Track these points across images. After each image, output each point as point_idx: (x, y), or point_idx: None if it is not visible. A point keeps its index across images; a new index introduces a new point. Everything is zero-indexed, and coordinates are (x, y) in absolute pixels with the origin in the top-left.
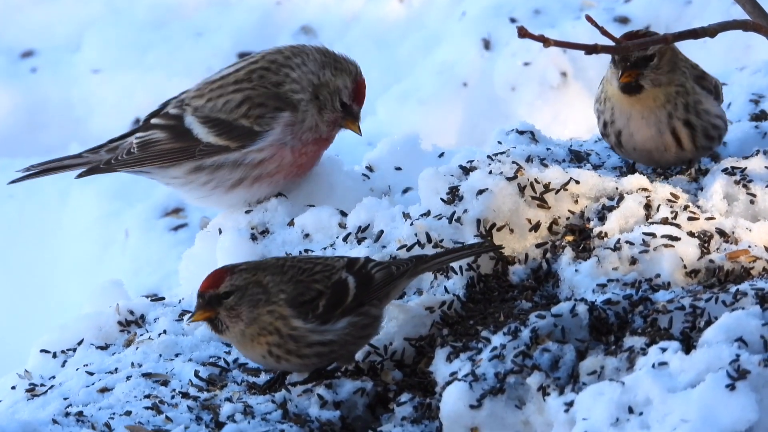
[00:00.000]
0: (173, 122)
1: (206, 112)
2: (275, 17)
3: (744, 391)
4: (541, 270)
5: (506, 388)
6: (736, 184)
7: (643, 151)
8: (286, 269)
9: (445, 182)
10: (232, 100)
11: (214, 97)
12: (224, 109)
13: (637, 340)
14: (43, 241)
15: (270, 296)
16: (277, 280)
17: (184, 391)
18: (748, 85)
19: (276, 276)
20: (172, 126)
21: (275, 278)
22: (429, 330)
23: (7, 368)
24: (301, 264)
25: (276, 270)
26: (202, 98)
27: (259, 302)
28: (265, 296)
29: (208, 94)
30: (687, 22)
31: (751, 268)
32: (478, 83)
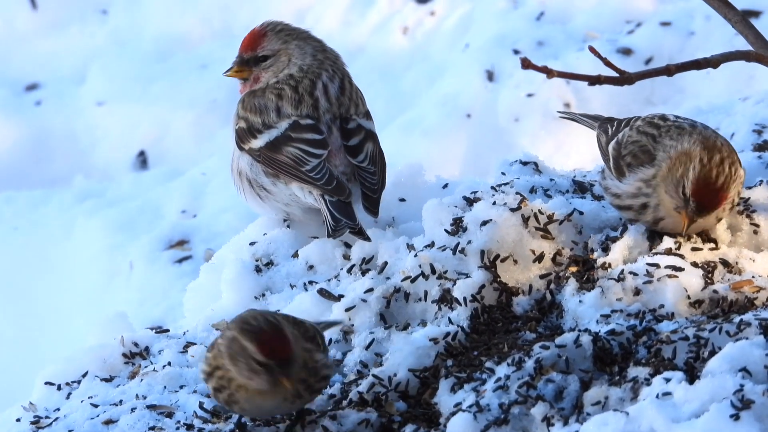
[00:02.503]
0: (362, 129)
1: (363, 111)
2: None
3: (748, 421)
4: (545, 301)
5: (510, 419)
6: (739, 214)
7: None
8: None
9: (449, 213)
10: (358, 91)
11: (356, 102)
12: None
13: (641, 370)
14: (47, 273)
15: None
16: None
17: (189, 422)
18: (752, 115)
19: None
20: (367, 132)
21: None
22: (433, 361)
23: (11, 400)
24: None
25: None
26: (352, 105)
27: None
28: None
29: (350, 102)
30: (690, 53)
31: (755, 299)
32: (482, 114)
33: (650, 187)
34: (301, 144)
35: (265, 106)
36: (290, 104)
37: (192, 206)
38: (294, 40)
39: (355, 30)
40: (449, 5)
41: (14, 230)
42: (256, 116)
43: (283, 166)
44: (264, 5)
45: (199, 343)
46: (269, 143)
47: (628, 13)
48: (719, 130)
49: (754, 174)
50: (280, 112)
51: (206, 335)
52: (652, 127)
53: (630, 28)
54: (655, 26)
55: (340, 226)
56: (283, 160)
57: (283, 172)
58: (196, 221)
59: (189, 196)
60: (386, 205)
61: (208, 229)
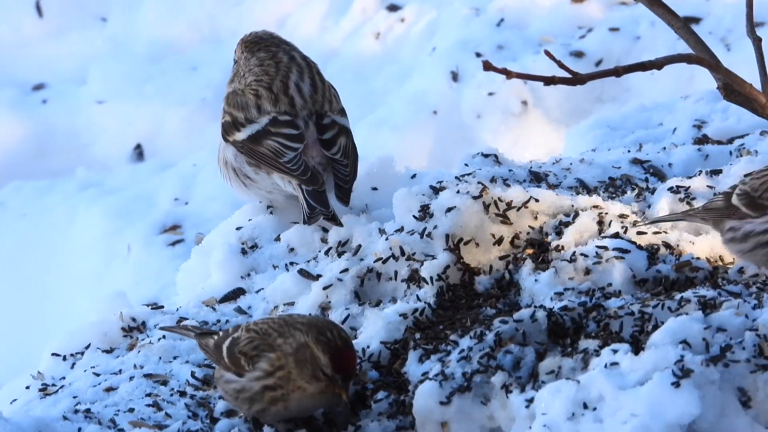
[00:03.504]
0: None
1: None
2: None
3: (688, 389)
4: (504, 280)
5: (473, 387)
6: (680, 201)
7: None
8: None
9: (417, 201)
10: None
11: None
12: (336, 98)
13: (591, 342)
14: (52, 256)
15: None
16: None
17: (182, 390)
18: (692, 112)
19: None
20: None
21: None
22: (403, 334)
23: (21, 370)
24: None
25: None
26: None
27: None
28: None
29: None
30: (636, 55)
31: (694, 278)
32: (447, 111)
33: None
34: (279, 138)
35: (246, 104)
36: (269, 102)
37: (184, 194)
38: (246, 52)
39: (331, 35)
40: (417, 13)
41: (22, 217)
42: (239, 112)
43: (264, 158)
44: (248, 13)
45: (190, 318)
46: (251, 136)
47: (579, 19)
48: (663, 125)
49: (694, 165)
50: (260, 109)
51: (197, 311)
52: None
53: (582, 33)
54: (604, 31)
55: (314, 213)
56: (263, 152)
57: (264, 162)
58: (187, 208)
59: (181, 186)
60: (360, 193)
61: (198, 215)
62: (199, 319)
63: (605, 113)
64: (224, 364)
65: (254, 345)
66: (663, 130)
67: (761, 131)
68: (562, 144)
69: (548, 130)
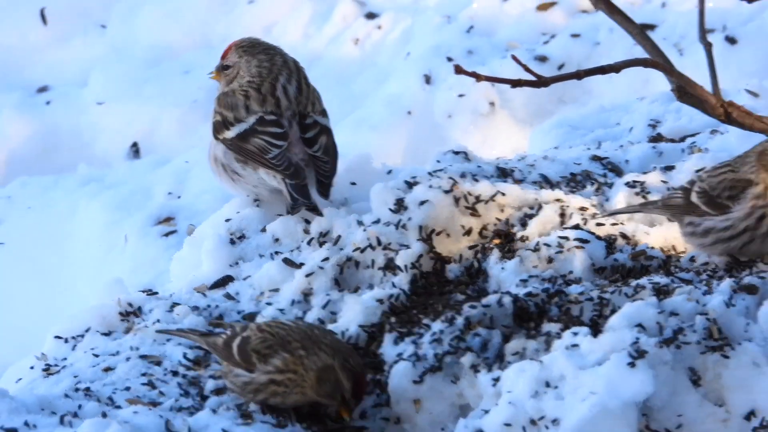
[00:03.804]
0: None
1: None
2: None
3: (642, 368)
4: (473, 268)
5: (444, 367)
6: (636, 195)
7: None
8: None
9: (393, 195)
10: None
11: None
12: (319, 100)
13: (553, 326)
14: (56, 245)
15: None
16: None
17: (175, 370)
18: (647, 112)
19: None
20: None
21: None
22: (379, 318)
23: (26, 351)
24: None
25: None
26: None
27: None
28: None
29: (308, 102)
30: (596, 60)
31: (648, 266)
32: (421, 112)
33: (759, 198)
34: (265, 136)
35: (235, 104)
36: (257, 103)
37: (177, 189)
38: (246, 55)
39: (314, 41)
40: (393, 20)
41: (28, 209)
42: (229, 112)
43: (251, 154)
44: (237, 21)
45: (183, 303)
46: (239, 134)
47: (543, 26)
48: (620, 125)
49: (649, 161)
50: (248, 109)
51: (189, 297)
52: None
53: (545, 39)
54: (566, 38)
55: (297, 204)
56: (250, 149)
57: (251, 159)
58: (180, 201)
59: (174, 181)
60: (340, 188)
61: (190, 208)
62: (191, 304)
63: (567, 113)
64: (234, 361)
65: (268, 344)
66: (620, 129)
67: (711, 130)
68: (526, 142)
69: (514, 129)
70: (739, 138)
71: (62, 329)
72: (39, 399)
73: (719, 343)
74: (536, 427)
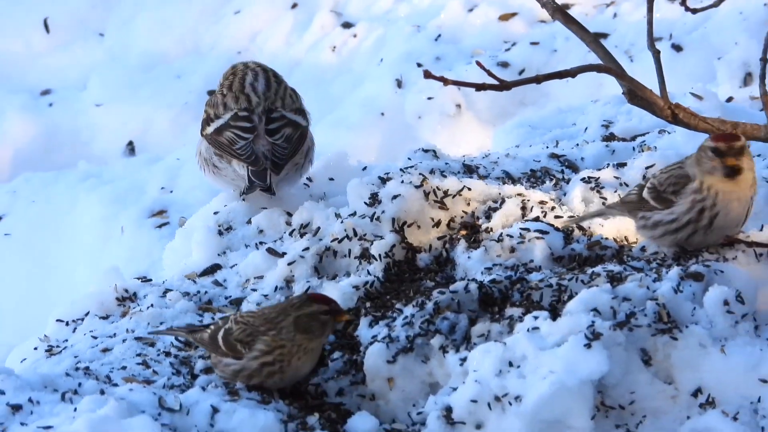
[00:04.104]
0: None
1: (289, 106)
2: None
3: (598, 349)
4: (442, 257)
5: (415, 348)
6: (591, 190)
7: (724, 228)
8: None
9: (368, 189)
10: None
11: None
12: (293, 100)
13: (516, 310)
14: (57, 236)
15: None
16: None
17: (167, 350)
18: (601, 114)
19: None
20: (288, 121)
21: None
22: (355, 303)
23: (30, 334)
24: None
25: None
26: (278, 100)
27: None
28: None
29: (277, 98)
30: (553, 65)
31: (603, 255)
32: (393, 113)
33: (697, 192)
34: (235, 129)
35: (217, 103)
36: (233, 101)
37: (169, 184)
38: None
39: (295, 48)
40: (368, 29)
41: (32, 203)
42: (212, 109)
43: (223, 146)
44: (224, 30)
45: (175, 289)
46: (216, 129)
47: (505, 35)
48: (576, 125)
49: (603, 159)
50: (225, 106)
51: (180, 283)
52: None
53: (507, 46)
54: (526, 45)
55: (252, 187)
56: (222, 142)
57: (224, 150)
58: (172, 196)
59: (167, 177)
60: (318, 183)
61: (181, 201)
62: (182, 290)
63: (527, 115)
64: (222, 351)
65: (248, 333)
66: (576, 129)
67: (659, 130)
68: (490, 141)
69: (478, 129)
70: (684, 137)
71: (63, 313)
72: (42, 377)
73: (668, 326)
74: (500, 404)
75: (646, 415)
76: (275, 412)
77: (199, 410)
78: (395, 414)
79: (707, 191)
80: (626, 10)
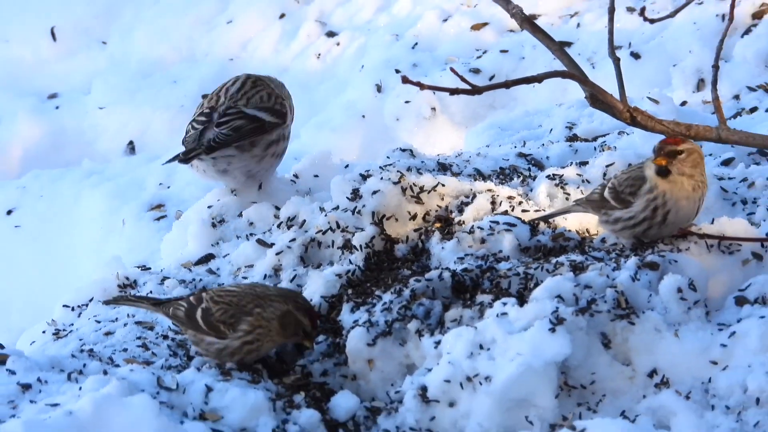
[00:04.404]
0: (241, 113)
1: (255, 104)
2: (229, 69)
3: (561, 333)
4: (418, 248)
5: (393, 332)
6: (555, 186)
7: (677, 223)
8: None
9: (350, 185)
10: (263, 95)
11: (250, 97)
12: (263, 100)
13: (486, 297)
14: (64, 229)
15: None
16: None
17: (165, 334)
18: (565, 116)
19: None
20: (243, 115)
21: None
22: (338, 290)
23: (38, 318)
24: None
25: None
26: (242, 100)
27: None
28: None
29: (242, 98)
30: (521, 72)
31: (566, 246)
32: (373, 116)
33: (649, 192)
34: (194, 123)
35: (201, 104)
36: (206, 100)
37: (167, 180)
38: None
39: (282, 56)
40: (350, 38)
41: (40, 198)
42: (197, 109)
43: (185, 137)
44: (218, 38)
45: (172, 277)
46: (189, 125)
47: (477, 43)
48: (542, 127)
49: (566, 157)
50: (202, 105)
51: (177, 272)
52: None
53: (479, 54)
54: (496, 53)
55: (174, 158)
56: (186, 133)
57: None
58: (169, 191)
59: (164, 174)
60: (304, 179)
61: (178, 196)
62: (179, 278)
63: (497, 117)
64: (203, 331)
65: (230, 314)
66: (542, 131)
67: (619, 131)
68: (462, 141)
69: (452, 130)
70: (642, 138)
71: (69, 299)
72: (50, 359)
73: (626, 311)
74: (471, 384)
75: (605, 395)
76: (264, 391)
77: (195, 389)
78: (375, 393)
79: (657, 191)
80: (589, 20)
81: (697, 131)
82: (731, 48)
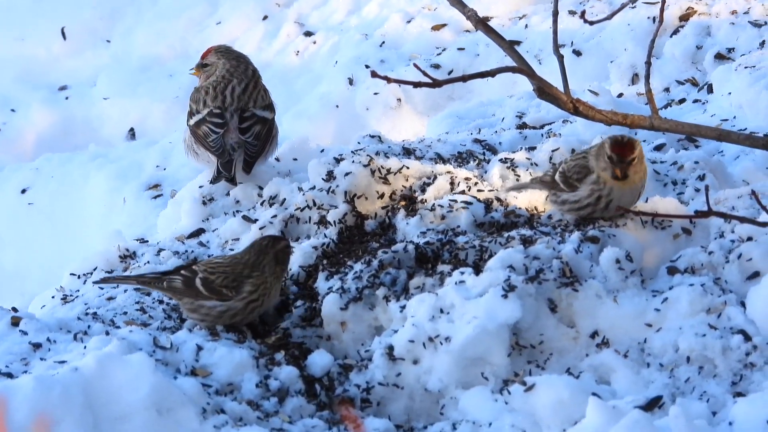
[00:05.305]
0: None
1: (260, 104)
2: None
3: (513, 299)
4: (385, 223)
5: (363, 297)
6: (507, 168)
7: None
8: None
9: (325, 168)
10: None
11: (255, 98)
12: (263, 99)
13: (446, 267)
14: (72, 205)
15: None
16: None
17: (160, 299)
18: (515, 106)
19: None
20: (258, 119)
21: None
22: (314, 261)
23: (48, 285)
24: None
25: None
26: (251, 101)
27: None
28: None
29: (250, 100)
30: (477, 67)
31: (517, 222)
32: (345, 106)
33: (595, 183)
34: (209, 125)
35: (198, 99)
36: (210, 99)
37: (163, 163)
38: (222, 58)
39: (265, 53)
40: (325, 37)
41: (51, 178)
42: (194, 105)
43: (200, 138)
44: (208, 37)
45: (167, 249)
46: (196, 122)
47: (437, 42)
48: (495, 116)
49: (517, 143)
50: (204, 104)
51: (171, 244)
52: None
53: (438, 51)
54: (454, 50)
55: (219, 177)
56: (200, 134)
57: (200, 141)
58: (165, 172)
59: (161, 157)
60: (285, 162)
61: (173, 177)
62: (173, 249)
63: (455, 107)
64: (204, 296)
65: (232, 278)
66: (495, 119)
67: (563, 120)
68: (425, 129)
69: (415, 118)
70: (584, 126)
71: (76, 268)
72: (58, 321)
73: (570, 280)
74: (433, 344)
75: (552, 353)
76: (249, 349)
77: (187, 348)
78: (347, 352)
79: (603, 184)
80: (535, 22)
81: (633, 120)
82: (661, 47)
